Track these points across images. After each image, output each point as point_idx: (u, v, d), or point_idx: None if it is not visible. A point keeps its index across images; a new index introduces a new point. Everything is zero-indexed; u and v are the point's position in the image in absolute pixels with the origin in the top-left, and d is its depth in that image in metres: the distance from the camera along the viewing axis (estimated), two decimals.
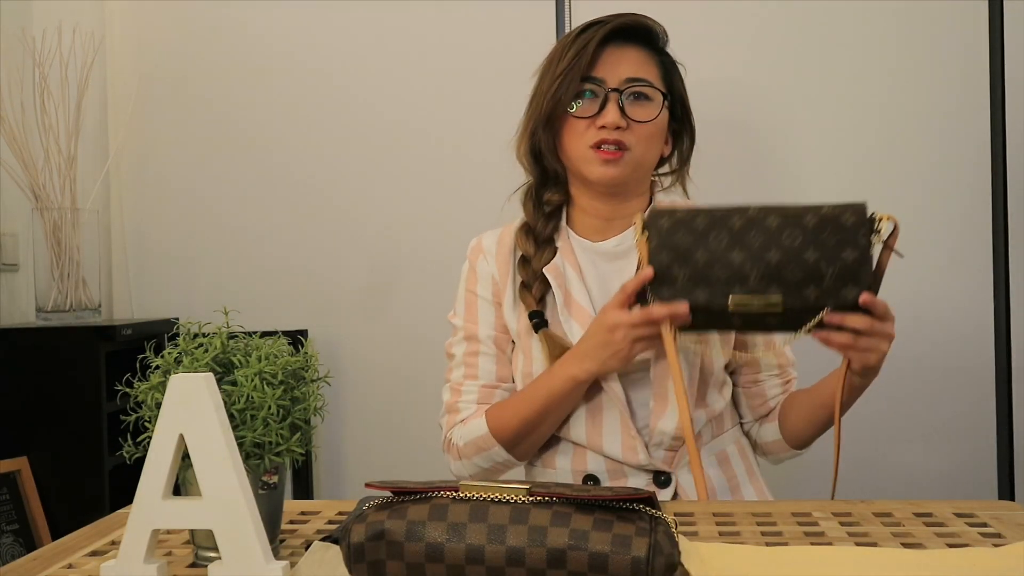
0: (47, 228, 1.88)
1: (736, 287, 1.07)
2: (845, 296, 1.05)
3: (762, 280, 1.06)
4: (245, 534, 0.77)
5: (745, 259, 1.06)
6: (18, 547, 1.70)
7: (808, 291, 1.05)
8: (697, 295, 1.08)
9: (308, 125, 2.02)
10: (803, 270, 1.05)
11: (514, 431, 1.24)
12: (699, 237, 1.09)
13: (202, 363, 0.87)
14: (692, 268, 1.08)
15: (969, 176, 1.87)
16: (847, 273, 1.05)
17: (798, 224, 1.06)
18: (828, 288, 1.05)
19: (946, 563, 0.81)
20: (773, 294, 1.06)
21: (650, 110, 1.25)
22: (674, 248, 1.09)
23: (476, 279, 1.33)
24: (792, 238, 1.06)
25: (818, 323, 1.07)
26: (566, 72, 1.24)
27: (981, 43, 1.87)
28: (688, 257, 1.09)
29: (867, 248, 1.06)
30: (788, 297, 1.06)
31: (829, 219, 1.06)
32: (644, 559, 0.70)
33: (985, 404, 1.88)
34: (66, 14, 1.96)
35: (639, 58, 1.27)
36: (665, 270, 1.10)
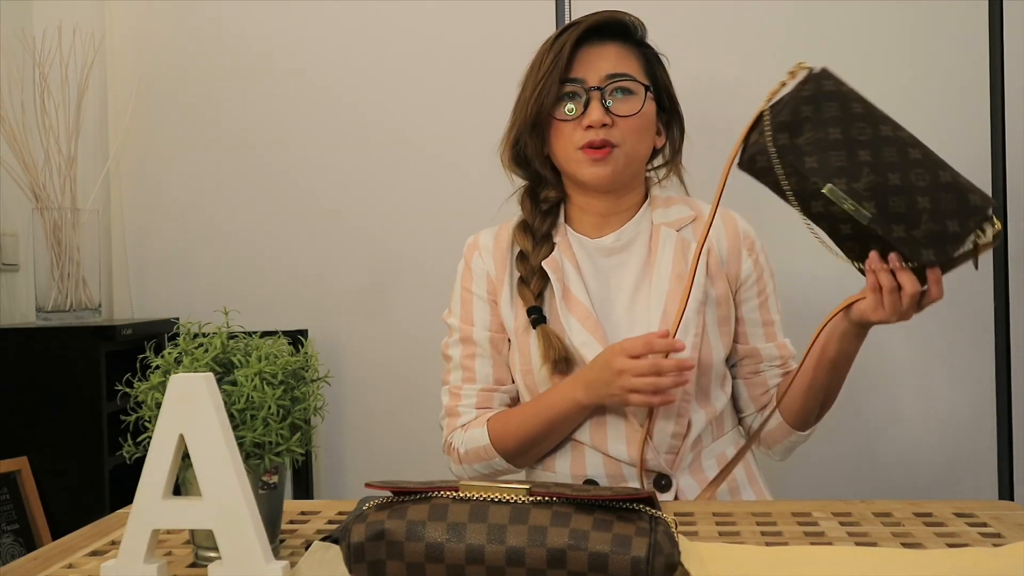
0: (47, 228, 1.88)
1: (843, 178, 1.03)
2: (920, 254, 1.03)
3: (868, 189, 1.03)
4: (245, 534, 0.77)
5: (869, 164, 1.03)
6: (18, 547, 1.70)
7: (896, 227, 1.03)
8: (807, 160, 1.05)
9: (308, 126, 2.02)
10: (908, 208, 1.02)
11: (516, 444, 1.25)
12: (846, 118, 1.06)
13: (202, 363, 0.87)
14: (821, 137, 1.05)
15: (969, 176, 1.87)
16: (938, 239, 1.02)
17: (932, 171, 1.04)
18: (913, 237, 1.02)
19: (946, 563, 0.81)
20: (867, 207, 1.02)
21: (634, 104, 1.25)
22: (819, 110, 1.06)
23: (472, 277, 1.33)
24: (920, 178, 1.03)
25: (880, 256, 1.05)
26: (546, 77, 1.24)
27: (981, 43, 1.86)
28: (824, 126, 1.06)
29: (967, 234, 1.03)
30: (877, 218, 1.02)
31: (959, 188, 1.04)
32: (644, 559, 0.70)
33: (985, 404, 1.88)
34: (66, 14, 1.96)
35: (618, 53, 1.27)
36: (798, 120, 1.06)
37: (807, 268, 1.64)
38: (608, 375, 1.14)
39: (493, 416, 1.28)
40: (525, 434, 1.24)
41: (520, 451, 1.25)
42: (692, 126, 1.37)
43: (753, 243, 1.32)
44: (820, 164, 1.04)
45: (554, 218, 1.33)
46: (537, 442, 1.25)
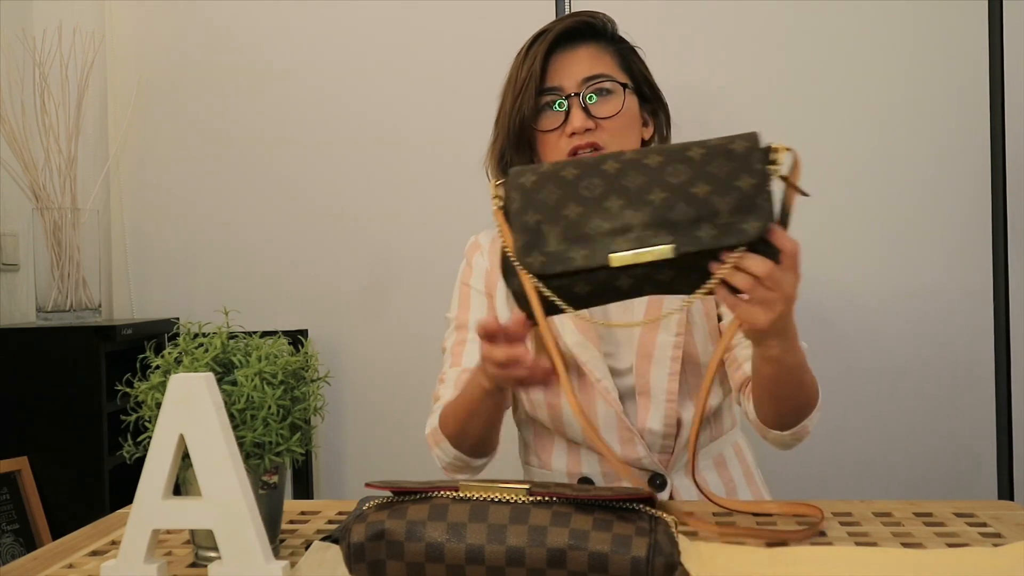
0: (47, 228, 1.88)
1: (619, 239, 0.90)
2: (746, 230, 0.89)
3: (647, 227, 0.90)
4: (245, 534, 0.77)
5: (625, 205, 0.91)
6: (18, 547, 1.70)
7: (702, 231, 0.89)
8: (573, 255, 0.91)
9: (308, 125, 2.02)
10: (693, 207, 0.90)
11: (452, 429, 1.21)
12: (568, 188, 0.92)
13: (202, 363, 0.87)
14: (564, 225, 0.92)
15: (969, 176, 1.87)
16: (745, 203, 0.89)
17: (682, 159, 0.91)
18: (725, 224, 0.89)
19: (946, 563, 0.81)
20: (662, 241, 0.89)
21: (614, 103, 1.24)
22: (540, 206, 0.93)
23: (471, 272, 1.34)
24: (677, 174, 0.91)
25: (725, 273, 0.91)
26: (523, 89, 1.23)
27: (981, 43, 1.86)
28: (558, 213, 0.92)
29: (764, 175, 0.91)
30: (680, 242, 0.89)
31: (717, 149, 0.92)
32: (644, 559, 0.70)
33: (985, 404, 1.88)
34: (66, 14, 1.96)
35: (591, 55, 1.26)
36: (534, 232, 0.92)
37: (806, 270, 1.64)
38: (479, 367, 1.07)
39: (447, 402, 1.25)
40: (456, 418, 1.19)
41: (459, 437, 1.20)
42: (688, 127, 1.36)
43: None
44: (589, 247, 0.91)
45: None
46: (466, 427, 1.19)
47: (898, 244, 1.89)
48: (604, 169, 0.93)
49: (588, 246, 0.91)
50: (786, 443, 1.18)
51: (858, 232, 1.89)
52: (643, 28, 1.39)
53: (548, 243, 0.92)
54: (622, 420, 1.24)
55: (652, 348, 1.24)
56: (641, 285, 0.93)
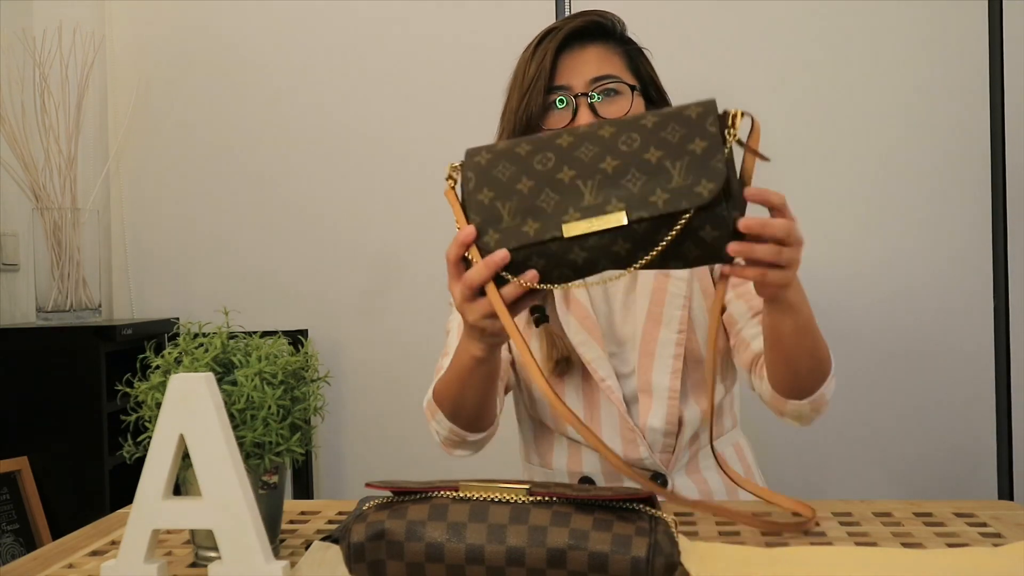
0: (47, 228, 1.88)
1: (570, 211, 0.88)
2: (699, 193, 0.86)
3: (598, 195, 0.88)
4: (245, 534, 0.77)
5: (576, 175, 0.89)
6: (18, 547, 1.70)
7: (655, 196, 0.87)
8: (526, 229, 0.89)
9: (307, 126, 2.02)
10: (645, 172, 0.87)
11: (446, 401, 1.18)
12: (522, 164, 0.91)
13: (202, 363, 0.87)
14: (517, 199, 0.90)
15: (969, 176, 1.87)
16: (697, 165, 0.87)
17: (635, 127, 0.89)
18: (678, 188, 0.86)
19: (946, 563, 0.81)
20: (614, 208, 0.87)
21: (622, 104, 1.23)
22: (494, 183, 0.91)
23: None
24: (629, 142, 0.89)
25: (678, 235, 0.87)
26: (531, 87, 1.22)
27: (981, 43, 1.87)
28: (511, 188, 0.90)
29: (718, 138, 0.88)
30: (632, 208, 0.87)
31: (670, 115, 0.89)
32: (644, 559, 0.70)
33: (985, 404, 1.88)
34: (66, 14, 1.97)
35: (600, 55, 1.25)
36: (488, 210, 0.91)
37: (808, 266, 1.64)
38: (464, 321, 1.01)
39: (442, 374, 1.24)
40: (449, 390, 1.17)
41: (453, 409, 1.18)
42: None
43: None
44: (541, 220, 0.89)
45: None
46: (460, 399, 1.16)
47: (898, 244, 1.89)
48: (558, 143, 0.91)
49: (540, 219, 0.89)
50: (805, 415, 1.14)
51: (858, 232, 1.89)
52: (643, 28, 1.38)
53: (502, 219, 0.90)
54: (625, 420, 1.24)
55: (654, 346, 1.24)
56: (597, 259, 0.90)
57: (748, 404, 1.36)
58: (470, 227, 0.92)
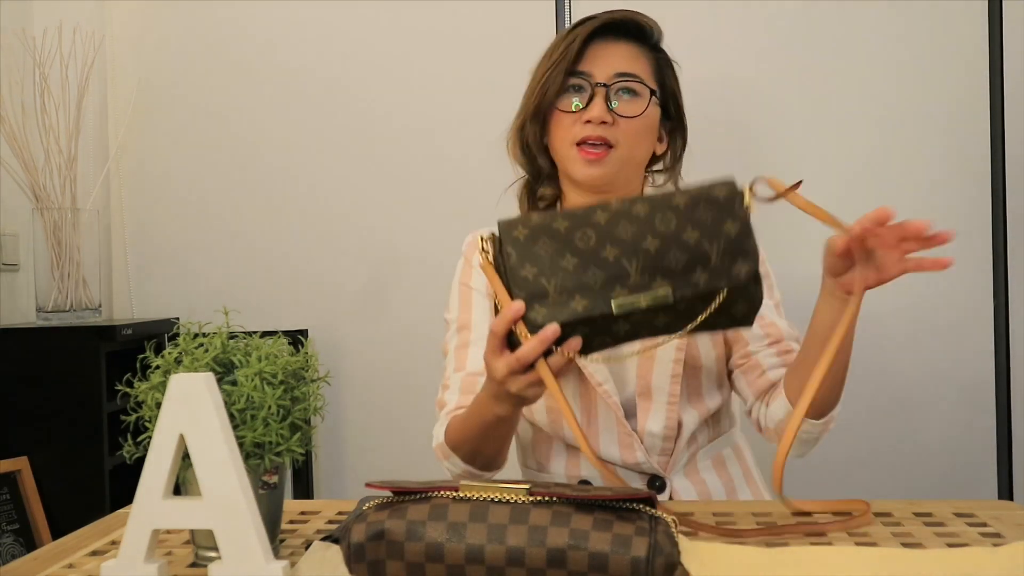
0: (47, 228, 1.88)
1: (617, 287, 0.93)
2: (736, 273, 0.94)
3: (643, 273, 0.94)
4: (245, 534, 0.77)
5: (620, 254, 0.94)
6: (18, 547, 1.70)
7: (696, 275, 0.94)
8: (575, 306, 0.94)
9: (308, 125, 2.02)
10: (686, 253, 0.94)
11: (463, 449, 1.19)
12: (563, 241, 0.95)
13: (202, 363, 0.87)
14: (563, 276, 0.94)
15: (969, 176, 1.87)
16: (733, 248, 0.94)
17: (668, 207, 0.95)
18: (716, 268, 0.94)
19: (946, 563, 0.81)
20: (660, 286, 0.93)
21: (637, 105, 1.23)
22: (537, 259, 0.95)
23: (470, 272, 1.32)
24: (666, 222, 0.94)
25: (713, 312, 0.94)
26: (554, 65, 1.23)
27: (981, 43, 1.87)
28: (555, 265, 0.95)
29: (747, 218, 0.95)
30: (677, 287, 0.93)
31: (700, 196, 0.96)
32: (644, 559, 0.70)
33: (985, 404, 1.88)
34: (66, 14, 1.97)
35: (629, 53, 1.25)
36: (533, 285, 0.95)
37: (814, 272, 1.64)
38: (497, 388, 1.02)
39: (455, 415, 1.23)
40: (467, 440, 1.18)
41: (470, 455, 1.19)
42: (691, 125, 1.36)
43: None
44: (589, 296, 0.94)
45: None
46: (479, 448, 1.18)
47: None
48: (595, 220, 0.96)
49: (588, 295, 0.94)
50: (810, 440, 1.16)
51: None
52: None
53: (548, 295, 0.94)
54: (622, 424, 1.24)
55: (655, 351, 1.23)
56: (637, 330, 0.96)
57: None
58: (519, 303, 0.94)
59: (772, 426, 1.19)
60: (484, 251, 0.98)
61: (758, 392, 1.23)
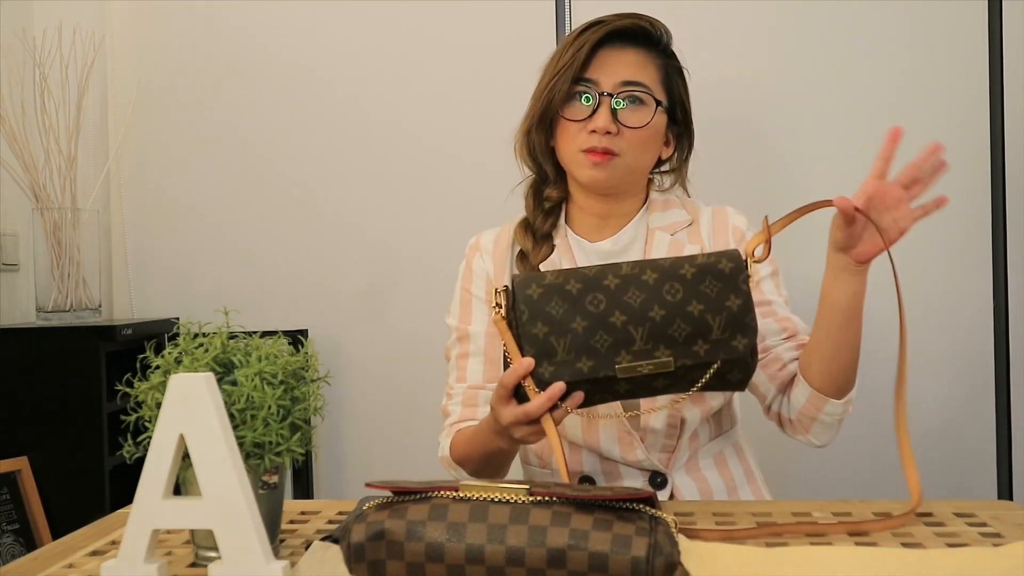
0: (47, 228, 1.88)
1: (622, 352, 0.99)
2: (735, 347, 1.01)
3: (649, 341, 0.99)
4: (245, 534, 0.77)
5: (628, 320, 1.00)
6: (18, 547, 1.70)
7: (697, 346, 1.00)
8: (581, 366, 1.00)
9: (308, 125, 2.02)
10: (690, 324, 1.00)
11: (468, 466, 1.24)
12: (574, 303, 1.01)
13: (202, 363, 0.87)
14: (572, 337, 1.00)
15: (969, 176, 1.87)
16: (734, 323, 1.00)
17: (676, 276, 1.01)
18: (717, 340, 1.00)
19: (946, 563, 0.81)
20: (662, 355, 1.00)
21: (643, 115, 1.23)
22: (548, 319, 1.00)
23: (472, 277, 1.33)
24: (673, 292, 1.00)
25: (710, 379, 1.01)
26: (561, 72, 1.22)
27: (981, 43, 1.86)
28: (566, 326, 1.00)
29: (749, 295, 1.01)
30: (678, 356, 1.00)
31: (707, 269, 1.01)
32: (644, 559, 0.70)
33: (984, 404, 1.88)
34: (66, 14, 1.97)
35: (637, 60, 1.25)
36: (543, 344, 1.00)
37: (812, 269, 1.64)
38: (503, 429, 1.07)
39: (460, 430, 1.26)
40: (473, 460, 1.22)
41: (473, 471, 1.24)
42: (695, 127, 1.36)
43: (744, 234, 1.29)
44: (595, 358, 1.00)
45: (555, 218, 1.32)
46: (482, 469, 1.22)
47: (897, 244, 1.89)
48: (605, 284, 1.01)
49: (595, 357, 1.00)
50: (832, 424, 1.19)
51: None
52: None
53: (556, 354, 1.00)
54: (622, 423, 1.24)
55: None
56: (637, 390, 1.03)
57: (748, 404, 1.36)
58: (529, 360, 1.01)
59: (795, 416, 1.19)
60: (497, 305, 1.04)
61: (780, 385, 1.22)
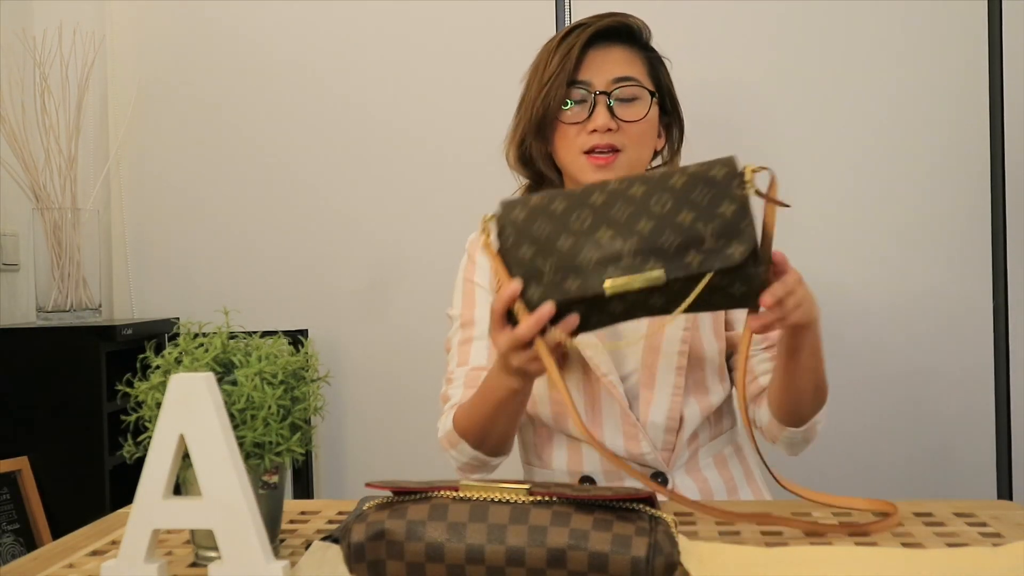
0: (47, 228, 1.88)
1: (610, 268, 0.94)
2: (731, 255, 0.92)
3: (637, 255, 0.94)
4: (245, 534, 0.77)
5: (615, 235, 0.94)
6: (18, 547, 1.70)
7: (689, 257, 0.93)
8: (568, 285, 0.95)
9: (308, 125, 2.02)
10: (680, 234, 0.93)
11: (473, 431, 1.20)
12: (559, 221, 0.96)
13: (202, 363, 0.87)
14: (558, 256, 0.95)
15: (969, 176, 1.87)
16: (728, 229, 0.93)
17: (665, 187, 0.95)
18: (710, 249, 0.93)
19: (946, 563, 0.81)
20: (653, 268, 0.93)
21: (639, 109, 1.25)
22: (534, 239, 0.96)
23: (474, 268, 1.34)
24: (662, 203, 0.94)
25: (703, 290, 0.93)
26: (553, 78, 1.24)
27: (981, 43, 1.86)
28: (551, 245, 0.95)
29: (745, 199, 0.93)
30: (669, 268, 0.93)
31: (698, 176, 0.95)
32: (644, 559, 0.70)
33: (984, 404, 1.88)
34: (66, 14, 1.97)
35: (624, 57, 1.27)
36: (529, 265, 0.96)
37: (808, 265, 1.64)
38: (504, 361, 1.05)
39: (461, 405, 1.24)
40: (478, 420, 1.18)
41: (480, 437, 1.20)
42: (688, 126, 1.37)
43: None
44: (582, 276, 0.95)
45: None
46: (491, 427, 1.18)
47: (898, 245, 1.89)
48: (591, 201, 0.96)
49: (582, 276, 0.95)
50: (796, 443, 1.20)
51: (857, 234, 1.89)
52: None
53: (543, 275, 0.96)
54: (627, 415, 1.24)
55: (660, 341, 1.24)
56: (633, 310, 0.97)
57: None
58: (516, 283, 0.97)
59: (763, 426, 1.23)
60: (485, 231, 0.99)
61: (751, 396, 1.26)
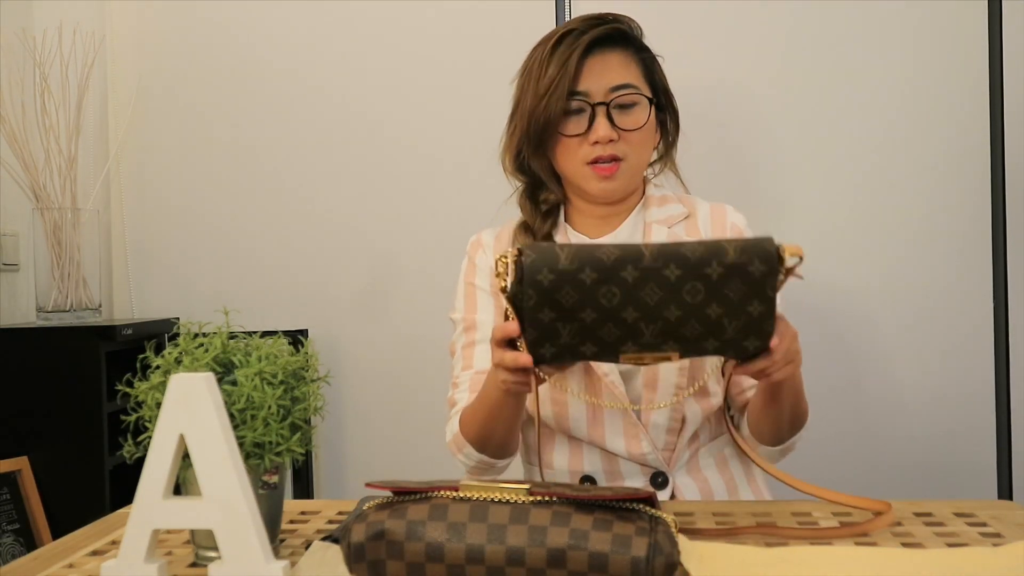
0: (47, 228, 1.88)
1: (628, 344, 0.95)
2: (745, 348, 0.96)
3: (657, 336, 0.95)
4: (245, 534, 0.77)
5: (640, 317, 0.94)
6: (18, 547, 1.70)
7: (707, 343, 0.95)
8: (584, 350, 0.96)
9: (308, 125, 2.02)
10: (704, 326, 0.94)
11: (474, 434, 1.21)
12: (587, 293, 0.93)
13: (202, 363, 0.87)
14: (579, 325, 0.95)
15: (969, 176, 1.87)
16: (751, 327, 0.94)
17: (700, 276, 0.93)
18: (728, 340, 0.95)
19: (946, 563, 0.81)
20: (669, 349, 0.96)
21: (638, 115, 1.25)
22: (557, 306, 0.94)
23: (475, 271, 1.33)
24: (694, 293, 0.93)
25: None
26: (551, 90, 1.22)
27: (981, 43, 1.86)
28: (574, 315, 0.94)
29: (774, 301, 0.94)
30: (685, 351, 0.96)
31: (735, 270, 0.93)
32: (644, 559, 0.70)
33: (985, 404, 1.88)
34: (66, 14, 1.96)
35: (620, 62, 1.26)
36: (548, 327, 0.95)
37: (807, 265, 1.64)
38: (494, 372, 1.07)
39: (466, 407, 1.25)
40: (479, 423, 1.20)
41: (480, 440, 1.21)
42: (690, 126, 1.37)
43: (742, 232, 1.31)
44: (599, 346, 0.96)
45: (554, 219, 1.33)
46: (491, 429, 1.19)
47: (897, 245, 1.89)
48: (623, 276, 0.93)
49: (599, 345, 0.96)
50: (773, 457, 1.24)
51: (857, 231, 1.89)
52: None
53: (561, 337, 0.96)
54: (628, 415, 1.24)
55: None
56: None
57: None
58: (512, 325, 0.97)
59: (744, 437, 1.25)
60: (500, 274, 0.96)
61: (739, 407, 1.29)
